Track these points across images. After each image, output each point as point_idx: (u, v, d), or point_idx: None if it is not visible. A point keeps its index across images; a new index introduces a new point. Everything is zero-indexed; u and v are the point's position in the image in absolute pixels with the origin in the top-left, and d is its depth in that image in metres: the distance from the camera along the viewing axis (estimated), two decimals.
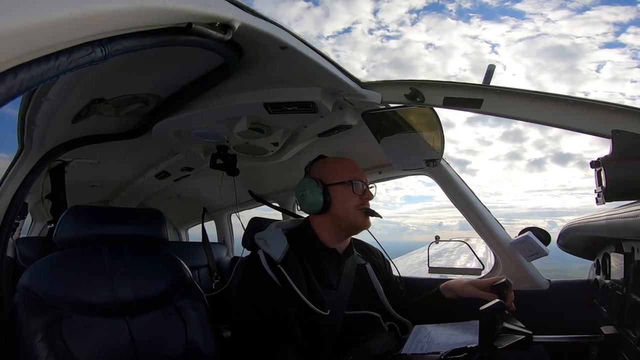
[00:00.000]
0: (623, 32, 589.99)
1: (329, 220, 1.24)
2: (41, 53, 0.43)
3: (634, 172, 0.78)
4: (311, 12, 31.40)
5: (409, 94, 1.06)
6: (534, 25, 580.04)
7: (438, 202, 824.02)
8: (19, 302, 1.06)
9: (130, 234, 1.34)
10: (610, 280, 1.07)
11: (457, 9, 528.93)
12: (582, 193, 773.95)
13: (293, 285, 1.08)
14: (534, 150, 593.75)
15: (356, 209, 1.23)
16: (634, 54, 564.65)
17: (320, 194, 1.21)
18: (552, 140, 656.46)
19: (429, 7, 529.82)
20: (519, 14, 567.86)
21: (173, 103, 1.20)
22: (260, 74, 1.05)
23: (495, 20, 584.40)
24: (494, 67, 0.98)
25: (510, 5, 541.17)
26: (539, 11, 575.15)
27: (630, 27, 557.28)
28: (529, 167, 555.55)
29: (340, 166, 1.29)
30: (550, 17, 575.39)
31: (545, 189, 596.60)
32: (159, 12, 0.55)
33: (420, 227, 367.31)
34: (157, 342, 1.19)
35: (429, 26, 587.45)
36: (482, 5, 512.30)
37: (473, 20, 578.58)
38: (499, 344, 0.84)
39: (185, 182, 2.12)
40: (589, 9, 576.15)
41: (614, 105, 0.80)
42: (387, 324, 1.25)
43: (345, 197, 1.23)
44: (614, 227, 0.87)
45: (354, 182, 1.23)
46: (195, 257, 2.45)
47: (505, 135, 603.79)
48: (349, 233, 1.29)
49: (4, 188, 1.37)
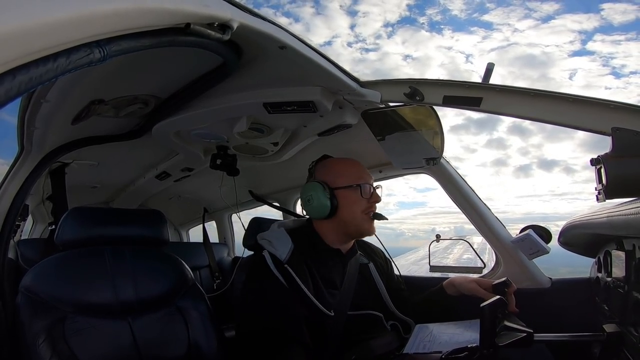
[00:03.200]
0: (589, 40, 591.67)
1: (335, 225, 1.21)
2: (40, 54, 0.42)
3: (634, 170, 0.78)
4: (293, 28, 32.56)
5: (408, 92, 1.05)
6: (503, 35, 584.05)
7: (431, 208, 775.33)
8: (22, 304, 1.06)
9: (131, 235, 1.34)
10: (612, 278, 1.06)
11: (428, 22, 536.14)
12: (572, 198, 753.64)
13: (301, 284, 1.06)
14: (519, 157, 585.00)
15: (363, 213, 1.19)
16: (604, 61, 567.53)
17: (327, 199, 1.17)
18: (535, 147, 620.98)
19: (402, 21, 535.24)
20: (487, 24, 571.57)
21: (173, 104, 1.20)
22: (260, 73, 1.05)
23: (465, 32, 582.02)
24: (493, 65, 0.98)
25: (478, 17, 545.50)
26: (505, 22, 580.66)
27: (596, 34, 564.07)
28: (516, 173, 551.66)
29: (346, 168, 1.24)
30: (518, 27, 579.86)
31: (535, 195, 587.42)
32: (157, 13, 0.55)
33: (416, 232, 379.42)
34: (159, 343, 1.19)
35: (405, 39, 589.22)
36: (452, 17, 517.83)
37: (445, 32, 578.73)
38: (500, 341, 0.84)
39: (186, 182, 2.12)
40: (553, 18, 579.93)
41: (614, 103, 0.80)
42: (390, 323, 1.25)
43: (353, 201, 1.19)
44: (615, 224, 0.87)
45: (362, 185, 1.19)
46: (196, 258, 2.46)
47: (489, 143, 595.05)
48: (353, 237, 1.26)
49: (5, 190, 1.37)
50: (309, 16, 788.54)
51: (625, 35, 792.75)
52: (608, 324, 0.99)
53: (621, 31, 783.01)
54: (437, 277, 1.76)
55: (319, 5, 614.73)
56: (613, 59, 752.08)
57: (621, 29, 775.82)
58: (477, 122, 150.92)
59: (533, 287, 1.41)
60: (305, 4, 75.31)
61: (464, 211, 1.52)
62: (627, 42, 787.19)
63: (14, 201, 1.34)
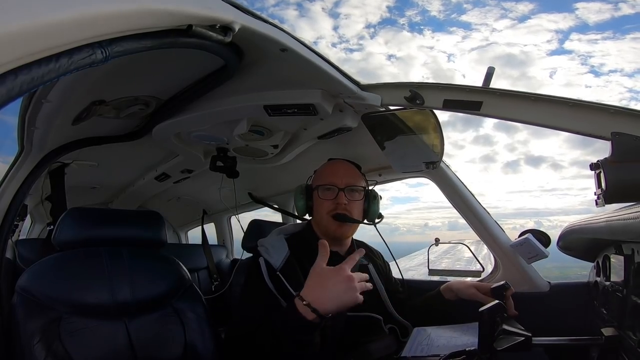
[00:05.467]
0: (567, 39, 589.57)
1: (316, 225, 1.26)
2: (42, 55, 0.43)
3: (634, 174, 0.78)
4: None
5: (408, 96, 1.06)
6: (482, 35, 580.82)
7: (424, 203, 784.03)
8: (17, 304, 1.05)
9: (129, 236, 1.34)
10: (611, 282, 1.06)
11: (408, 22, 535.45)
12: (561, 194, 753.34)
13: (292, 292, 1.08)
14: (506, 153, 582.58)
15: (328, 214, 1.20)
16: (583, 60, 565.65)
17: (301, 199, 1.25)
18: (521, 143, 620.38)
19: (382, 22, 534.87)
20: (466, 25, 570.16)
21: (173, 105, 1.20)
22: (261, 76, 1.05)
23: (445, 32, 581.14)
24: (494, 69, 0.99)
25: (456, 17, 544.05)
26: (483, 22, 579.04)
27: (572, 34, 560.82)
28: (505, 169, 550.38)
29: (323, 170, 1.27)
30: (496, 27, 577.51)
31: (525, 190, 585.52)
32: (159, 14, 0.55)
33: (411, 227, 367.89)
34: (155, 344, 1.18)
35: (387, 39, 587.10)
36: (431, 18, 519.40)
37: (425, 32, 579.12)
38: (499, 345, 0.84)
39: (185, 184, 2.12)
40: (529, 18, 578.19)
41: (614, 108, 0.81)
42: (388, 326, 1.25)
43: (319, 202, 1.22)
44: (614, 228, 0.87)
45: (327, 186, 1.21)
46: (194, 259, 2.45)
47: (476, 139, 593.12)
48: (331, 238, 1.20)
49: (4, 189, 1.36)
50: (293, 18, 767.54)
51: (601, 35, 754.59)
52: (606, 328, 0.99)
53: (597, 30, 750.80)
54: (436, 280, 1.76)
55: (302, 8, 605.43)
56: (591, 57, 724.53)
57: (596, 28, 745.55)
58: (463, 119, 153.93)
59: (532, 291, 1.41)
60: (288, 7, 75.99)
61: (462, 214, 1.52)
62: (603, 41, 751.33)
63: (13, 201, 1.33)
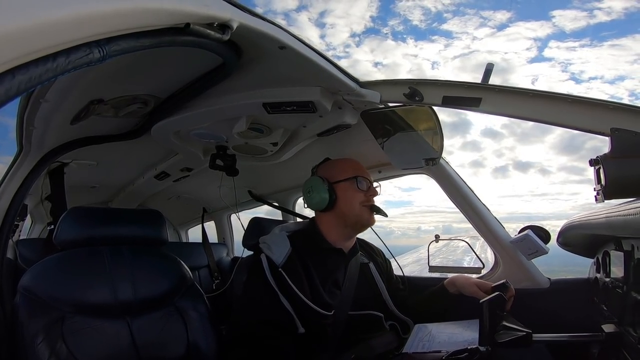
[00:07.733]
0: (545, 47, 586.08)
1: (335, 218, 1.26)
2: (39, 54, 0.42)
3: (633, 170, 0.78)
4: None
5: (407, 93, 1.05)
6: (464, 43, 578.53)
7: (418, 207, 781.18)
8: (20, 304, 1.06)
9: (130, 235, 1.34)
10: (611, 278, 1.06)
11: (391, 31, 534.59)
12: (552, 199, 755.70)
13: (294, 288, 1.09)
14: (495, 159, 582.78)
15: (361, 205, 1.24)
16: (563, 67, 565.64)
17: (325, 191, 1.24)
18: (508, 149, 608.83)
19: (367, 31, 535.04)
20: (447, 33, 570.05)
21: (172, 103, 1.20)
22: (259, 74, 1.05)
23: (428, 40, 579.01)
24: (493, 65, 0.98)
25: (438, 26, 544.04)
26: (464, 30, 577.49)
27: (551, 41, 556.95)
28: (494, 174, 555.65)
29: (345, 164, 1.31)
30: (476, 35, 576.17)
31: (516, 195, 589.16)
32: (157, 13, 0.55)
33: (405, 231, 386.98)
34: (158, 343, 1.18)
35: (372, 47, 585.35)
36: (412, 27, 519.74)
37: (409, 41, 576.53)
38: (499, 338, 0.84)
39: (185, 182, 2.12)
40: (507, 26, 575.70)
41: (613, 104, 0.81)
42: (389, 323, 1.26)
43: (350, 194, 1.24)
44: (614, 224, 0.87)
45: (358, 178, 1.25)
46: (195, 258, 2.45)
47: (464, 145, 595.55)
48: (354, 230, 1.29)
49: (4, 190, 1.36)
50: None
51: (579, 42, 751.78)
52: (607, 324, 0.99)
53: (574, 38, 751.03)
54: (437, 277, 1.76)
55: (289, 17, 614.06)
56: (571, 64, 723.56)
57: (574, 35, 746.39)
58: (450, 125, 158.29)
59: (532, 287, 1.41)
60: (276, 17, 77.28)
61: (463, 211, 1.52)
62: (581, 49, 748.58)
63: (13, 201, 1.33)
